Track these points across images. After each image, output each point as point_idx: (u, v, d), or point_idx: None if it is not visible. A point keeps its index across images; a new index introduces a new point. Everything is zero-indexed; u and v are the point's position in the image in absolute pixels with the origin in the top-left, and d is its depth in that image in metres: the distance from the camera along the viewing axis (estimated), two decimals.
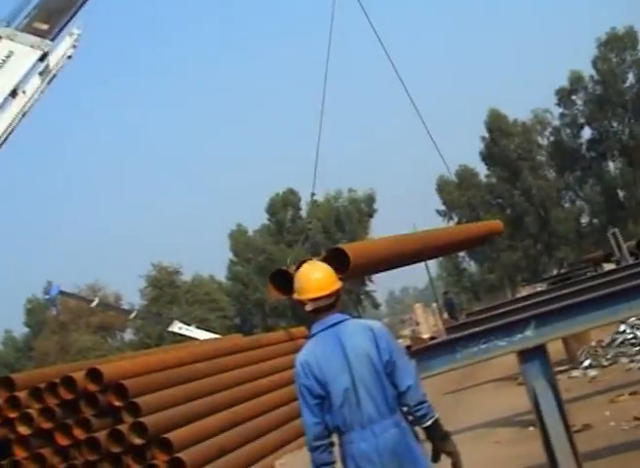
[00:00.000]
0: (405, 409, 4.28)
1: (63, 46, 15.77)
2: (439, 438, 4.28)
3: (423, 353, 6.30)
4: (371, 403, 4.18)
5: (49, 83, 15.50)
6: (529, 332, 5.84)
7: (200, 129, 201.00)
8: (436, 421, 4.28)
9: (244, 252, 72.22)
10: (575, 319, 5.84)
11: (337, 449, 4.32)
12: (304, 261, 6.06)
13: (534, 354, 5.92)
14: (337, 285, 4.48)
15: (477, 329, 6.08)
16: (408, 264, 11.67)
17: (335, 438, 4.32)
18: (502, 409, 10.98)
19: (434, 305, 49.49)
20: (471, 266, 73.13)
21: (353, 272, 8.88)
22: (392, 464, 4.13)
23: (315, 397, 4.23)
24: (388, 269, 11.37)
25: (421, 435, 4.36)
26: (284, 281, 8.58)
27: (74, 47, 15.95)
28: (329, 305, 4.39)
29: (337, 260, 8.43)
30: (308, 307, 4.41)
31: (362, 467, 4.15)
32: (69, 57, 15.88)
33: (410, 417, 4.28)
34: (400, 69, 13.93)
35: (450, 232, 16.04)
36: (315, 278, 4.44)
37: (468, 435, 9.90)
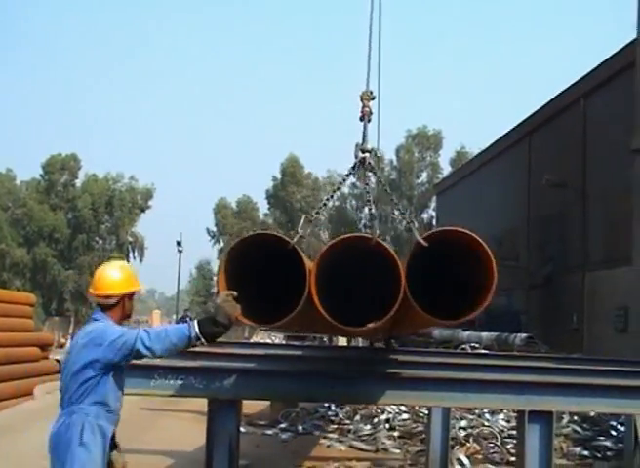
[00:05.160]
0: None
1: None
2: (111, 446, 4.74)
3: None
4: (67, 392, 4.66)
5: None
6: (227, 384, 5.75)
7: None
8: None
9: (4, 198, 68.30)
10: (272, 387, 5.85)
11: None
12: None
13: (226, 406, 5.84)
14: (114, 290, 4.75)
15: (180, 364, 5.91)
16: None
17: None
18: (189, 442, 10.82)
19: (174, 317, 49.14)
20: None
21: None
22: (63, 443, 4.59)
23: None
24: None
25: None
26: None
27: None
28: (102, 305, 4.76)
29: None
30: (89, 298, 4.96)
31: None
32: None
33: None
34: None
35: None
36: (105, 276, 4.77)
37: (140, 458, 9.64)
